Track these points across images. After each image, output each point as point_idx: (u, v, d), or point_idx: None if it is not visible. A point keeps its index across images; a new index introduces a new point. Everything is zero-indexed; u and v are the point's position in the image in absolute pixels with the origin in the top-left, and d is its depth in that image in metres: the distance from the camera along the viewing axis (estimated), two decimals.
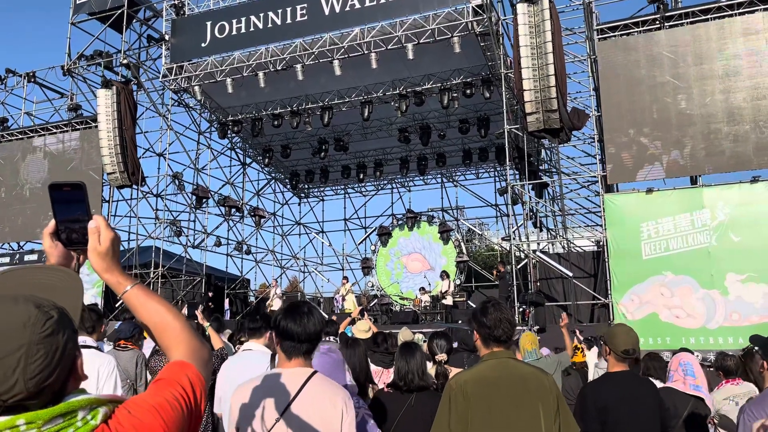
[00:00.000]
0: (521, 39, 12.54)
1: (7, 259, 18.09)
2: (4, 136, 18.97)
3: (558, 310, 14.32)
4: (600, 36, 13.73)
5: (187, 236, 19.08)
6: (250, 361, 3.85)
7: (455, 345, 6.40)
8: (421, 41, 14.78)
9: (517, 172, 18.14)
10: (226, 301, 19.22)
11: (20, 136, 18.74)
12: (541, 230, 18.59)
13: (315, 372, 2.41)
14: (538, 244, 17.05)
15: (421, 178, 23.08)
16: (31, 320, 1.04)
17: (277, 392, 2.31)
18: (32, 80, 19.19)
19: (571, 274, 14.10)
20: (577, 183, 16.91)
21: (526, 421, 2.63)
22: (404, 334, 6.98)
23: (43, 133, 18.49)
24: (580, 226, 17.57)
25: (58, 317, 1.09)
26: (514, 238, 15.33)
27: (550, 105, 12.45)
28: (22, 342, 1.03)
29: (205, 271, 19.17)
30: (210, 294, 18.24)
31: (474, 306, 14.21)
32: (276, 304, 16.94)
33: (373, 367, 5.41)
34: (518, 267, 14.85)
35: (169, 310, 1.38)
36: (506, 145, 14.73)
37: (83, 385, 1.17)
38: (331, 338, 5.78)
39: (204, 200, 19.36)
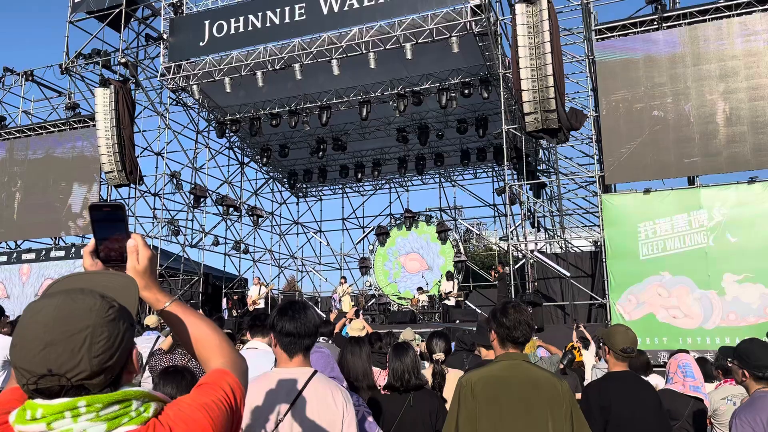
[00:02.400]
0: (519, 39, 12.56)
1: (4, 258, 18.06)
2: (1, 134, 18.93)
3: (556, 310, 14.36)
4: (598, 36, 13.75)
5: (184, 235, 19.06)
6: (255, 360, 3.85)
7: (453, 345, 6.42)
8: (419, 41, 14.79)
9: (515, 172, 18.16)
10: (224, 300, 19.20)
11: (18, 135, 18.71)
12: (539, 230, 18.62)
13: (315, 371, 2.42)
14: (536, 244, 17.08)
15: (419, 177, 23.09)
16: (96, 306, 1.14)
17: (280, 392, 2.32)
18: (30, 79, 19.17)
19: (568, 274, 14.12)
20: (575, 183, 16.95)
21: (534, 425, 2.62)
22: (406, 335, 6.99)
23: (40, 131, 18.47)
24: (577, 227, 17.61)
25: (119, 308, 1.19)
26: (512, 238, 15.35)
27: (548, 105, 12.47)
28: (89, 323, 1.12)
29: (203, 271, 19.15)
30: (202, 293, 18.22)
31: (472, 307, 14.25)
32: (261, 303, 16.92)
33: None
34: (516, 267, 14.87)
35: (207, 323, 1.47)
36: (504, 145, 14.74)
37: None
38: (321, 339, 5.77)
39: (202, 199, 19.34)
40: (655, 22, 13.31)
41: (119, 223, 1.40)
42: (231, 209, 20.85)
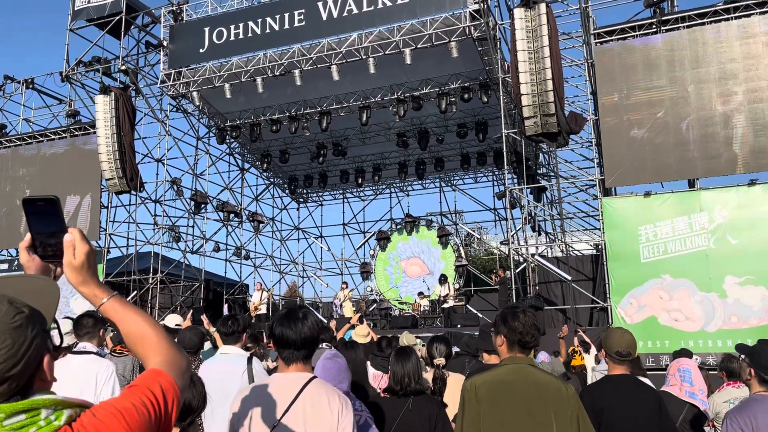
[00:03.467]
0: (518, 44, 12.59)
1: (5, 266, 18.08)
2: (2, 142, 18.98)
3: (557, 314, 14.35)
4: (597, 40, 13.78)
5: (185, 242, 19.07)
6: (227, 364, 3.88)
7: (456, 349, 6.42)
8: (418, 46, 14.83)
9: (515, 176, 18.17)
10: (225, 306, 19.19)
11: (18, 143, 18.76)
12: (539, 234, 18.62)
13: (314, 377, 2.42)
14: (537, 247, 17.08)
15: (420, 182, 23.11)
16: (1, 312, 1.11)
17: (276, 397, 2.32)
18: (30, 86, 19.22)
19: (569, 278, 14.12)
20: (576, 187, 16.95)
21: (538, 429, 2.61)
22: (406, 338, 6.98)
23: (41, 139, 18.51)
24: (578, 230, 17.62)
25: (29, 314, 1.14)
26: (512, 242, 15.35)
27: (548, 109, 12.48)
28: None
29: (204, 277, 19.15)
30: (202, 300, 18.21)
31: (473, 311, 14.23)
32: (263, 309, 16.92)
33: (372, 371, 5.42)
34: (517, 271, 14.86)
35: (146, 320, 1.40)
36: (504, 149, 14.76)
37: (81, 389, 1.19)
38: (324, 345, 5.78)
39: (203, 206, 19.35)
40: (654, 26, 13.34)
41: (54, 217, 1.36)
42: (232, 215, 20.86)
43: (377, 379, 5.38)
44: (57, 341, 1.29)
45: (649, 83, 13.10)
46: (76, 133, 18.06)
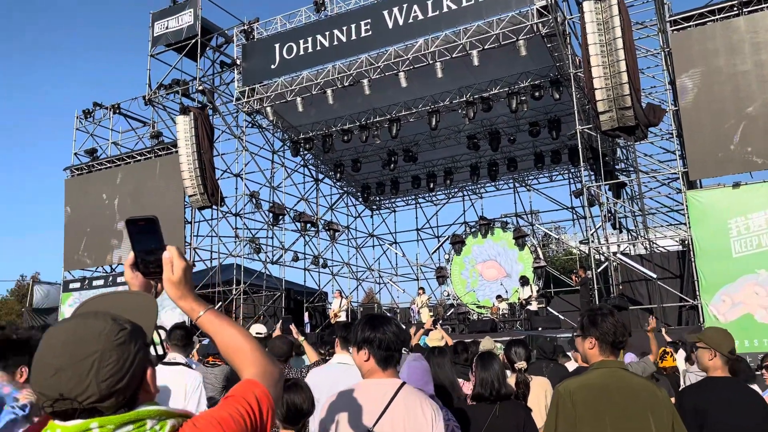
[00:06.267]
0: (589, 37, 12.25)
1: (101, 282, 19.19)
2: (94, 166, 20.20)
3: (643, 314, 13.78)
4: (673, 27, 13.21)
5: (265, 252, 19.63)
6: (347, 375, 3.83)
7: (534, 353, 6.29)
8: (485, 47, 14.70)
9: (592, 173, 17.66)
10: (306, 314, 19.60)
11: (109, 165, 19.91)
12: (620, 231, 17.96)
13: (404, 383, 2.43)
14: (619, 245, 16.48)
15: (493, 184, 22.84)
16: (106, 330, 1.17)
17: (369, 403, 2.33)
18: (117, 111, 20.37)
19: (655, 276, 13.55)
20: (657, 181, 16.27)
21: None
22: (486, 343, 6.91)
23: (128, 160, 19.57)
24: (662, 226, 16.88)
25: (131, 330, 1.21)
26: (592, 241, 14.90)
27: (624, 102, 12.08)
28: (97, 348, 1.15)
29: (285, 286, 19.65)
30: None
31: (555, 313, 13.94)
32: (342, 316, 17.13)
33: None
34: (599, 270, 14.41)
35: (240, 332, 1.46)
36: (579, 145, 14.37)
37: (170, 399, 1.26)
38: (403, 350, 5.78)
39: (280, 217, 19.89)
40: (735, 8, 12.65)
41: (154, 235, 1.44)
42: (308, 225, 21.33)
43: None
44: (161, 351, 1.37)
45: (732, 69, 12.43)
46: (160, 153, 18.98)
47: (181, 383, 4.14)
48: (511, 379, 4.12)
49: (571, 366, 6.22)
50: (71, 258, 19.86)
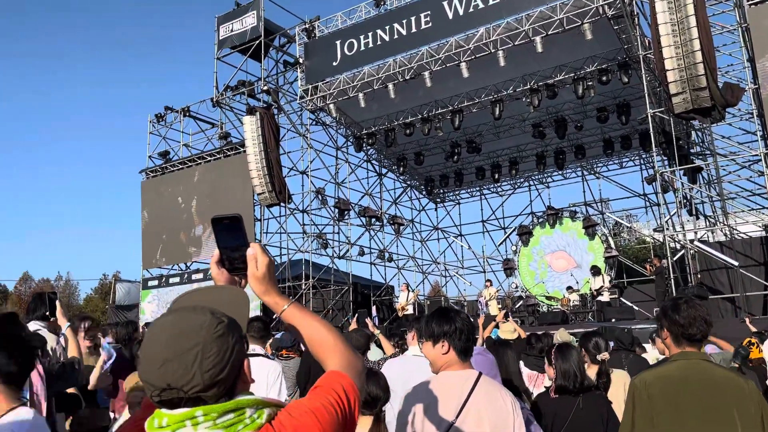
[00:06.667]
0: (659, 17, 11.75)
1: (177, 279, 19.97)
2: (167, 167, 21.00)
3: (724, 304, 13.18)
4: (750, 1, 12.51)
5: (332, 248, 19.93)
6: (423, 367, 3.86)
7: (611, 344, 6.13)
8: (549, 33, 14.35)
9: (665, 158, 17.00)
10: (374, 308, 19.78)
11: (181, 167, 20.65)
12: (697, 218, 17.19)
13: (480, 373, 2.43)
14: (696, 233, 15.79)
15: (560, 172, 22.33)
16: (206, 323, 1.22)
17: (449, 394, 2.34)
18: (187, 114, 21.09)
19: (736, 264, 12.90)
20: (737, 164, 15.46)
21: (720, 429, 2.43)
22: (561, 335, 6.79)
23: (199, 161, 20.25)
24: (743, 211, 16.04)
25: (228, 323, 1.25)
26: (667, 229, 14.33)
27: (698, 83, 11.53)
28: (199, 340, 1.20)
29: (352, 280, 19.89)
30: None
31: (628, 304, 13.52)
32: (410, 309, 17.14)
33: (527, 371, 5.32)
34: (675, 259, 13.85)
35: (323, 325, 1.50)
36: (651, 130, 13.83)
37: (252, 388, 1.32)
38: None
39: (346, 212, 20.15)
40: None
41: (238, 233, 1.49)
42: (373, 219, 21.50)
43: (532, 380, 5.27)
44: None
45: None
46: (229, 153, 19.53)
47: (263, 374, 4.28)
48: (590, 371, 4.02)
49: (650, 357, 6.01)
50: (149, 261, 20.77)
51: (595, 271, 16.38)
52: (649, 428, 2.50)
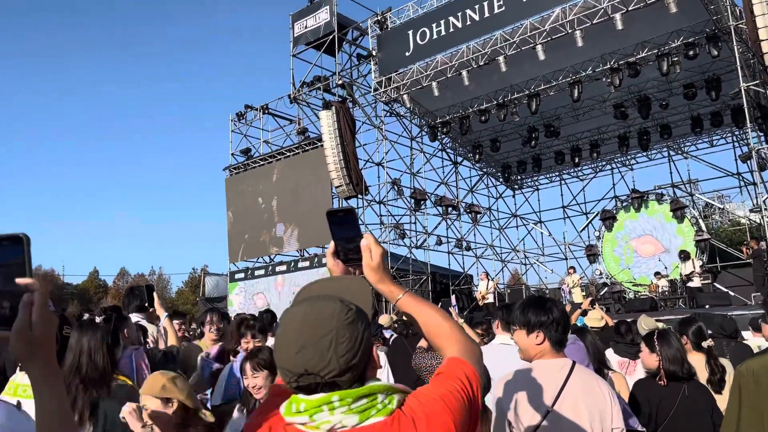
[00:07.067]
0: None
1: (262, 272, 20.64)
2: (249, 164, 21.70)
3: None
4: None
5: (410, 238, 20.02)
6: (510, 356, 3.85)
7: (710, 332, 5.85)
8: (629, 8, 13.76)
9: (761, 134, 15.99)
10: (453, 297, 19.73)
11: (262, 163, 21.28)
12: None
13: (574, 362, 2.41)
14: None
15: (645, 154, 21.41)
16: (337, 311, 1.26)
17: (545, 383, 2.34)
18: (266, 112, 21.68)
19: None
20: None
21: None
22: (645, 322, 6.56)
23: (279, 157, 20.79)
24: None
25: (357, 310, 1.30)
26: (765, 209, 13.49)
27: None
28: (332, 327, 1.24)
29: (430, 270, 19.91)
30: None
31: (723, 289, 12.83)
32: (490, 297, 16.95)
33: (618, 359, 5.17)
34: None
35: (439, 312, 1.52)
36: (744, 105, 13.05)
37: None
38: None
39: (422, 202, 20.17)
40: None
41: (352, 225, 1.54)
42: (449, 209, 21.41)
43: (624, 366, 5.12)
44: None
45: None
46: (307, 148, 19.94)
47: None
48: (692, 359, 3.87)
49: (752, 345, 5.70)
50: (234, 256, 21.57)
51: (685, 255, 15.67)
52: (758, 417, 2.35)
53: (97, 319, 3.70)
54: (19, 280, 1.07)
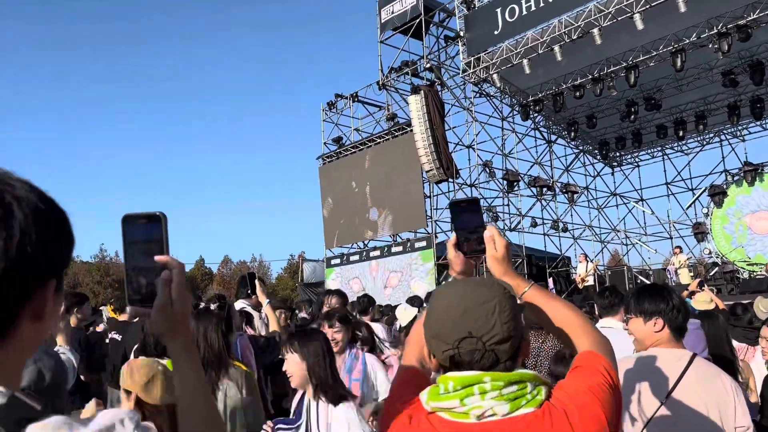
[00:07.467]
0: None
1: (357, 257, 21.04)
2: (341, 152, 22.08)
3: None
4: None
5: (503, 220, 19.69)
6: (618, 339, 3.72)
7: None
8: None
9: None
10: (550, 280, 19.28)
11: (353, 150, 21.59)
12: None
13: (695, 354, 2.29)
14: None
15: (758, 123, 19.92)
16: (496, 284, 1.32)
17: (662, 372, 2.25)
18: (356, 99, 21.92)
19: None
20: None
21: None
22: (764, 304, 6.18)
23: (369, 144, 21.01)
24: None
25: (510, 289, 1.36)
26: None
27: None
28: (495, 294, 1.27)
29: (525, 252, 19.52)
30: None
31: None
32: (590, 280, 16.38)
33: (735, 344, 4.88)
34: None
35: (566, 305, 1.50)
36: None
37: None
38: None
39: (515, 183, 19.76)
40: None
41: (475, 215, 1.53)
42: (544, 189, 20.87)
43: (741, 352, 4.82)
44: None
45: None
46: (396, 134, 20.02)
47: None
48: None
49: None
50: (330, 242, 22.10)
51: None
52: None
53: (212, 306, 3.92)
54: (158, 258, 1.09)
